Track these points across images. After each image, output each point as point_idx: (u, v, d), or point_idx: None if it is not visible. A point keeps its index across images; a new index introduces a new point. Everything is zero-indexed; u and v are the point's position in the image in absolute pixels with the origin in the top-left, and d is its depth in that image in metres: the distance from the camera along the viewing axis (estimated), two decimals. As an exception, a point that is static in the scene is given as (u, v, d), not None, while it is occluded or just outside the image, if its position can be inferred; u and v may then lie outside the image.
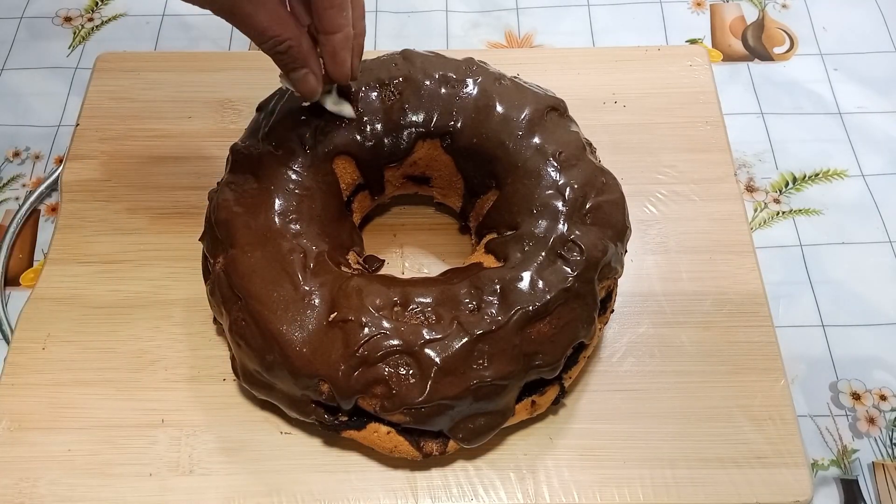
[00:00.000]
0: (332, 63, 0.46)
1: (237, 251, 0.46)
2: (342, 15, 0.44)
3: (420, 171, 0.53)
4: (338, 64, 0.46)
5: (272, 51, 0.44)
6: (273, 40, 0.43)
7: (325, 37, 0.45)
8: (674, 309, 0.53)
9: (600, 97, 0.62)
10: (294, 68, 0.45)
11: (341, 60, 0.46)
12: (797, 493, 0.47)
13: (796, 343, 0.55)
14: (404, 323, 0.44)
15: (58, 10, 0.73)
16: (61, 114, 0.66)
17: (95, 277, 0.54)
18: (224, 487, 0.47)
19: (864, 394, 0.54)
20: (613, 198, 0.49)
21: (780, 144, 0.64)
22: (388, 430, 0.45)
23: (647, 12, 0.72)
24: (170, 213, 0.57)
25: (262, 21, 0.42)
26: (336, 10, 0.44)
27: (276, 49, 0.44)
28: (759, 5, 0.73)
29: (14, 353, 0.52)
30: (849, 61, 0.69)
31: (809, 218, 0.61)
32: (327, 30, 0.44)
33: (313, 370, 0.43)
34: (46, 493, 0.47)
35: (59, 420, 0.49)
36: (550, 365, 0.45)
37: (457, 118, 0.51)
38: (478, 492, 0.47)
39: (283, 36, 0.43)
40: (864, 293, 0.57)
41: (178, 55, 0.65)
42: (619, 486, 0.47)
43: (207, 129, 0.61)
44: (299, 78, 0.46)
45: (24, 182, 0.63)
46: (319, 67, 0.46)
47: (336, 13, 0.44)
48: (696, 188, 0.58)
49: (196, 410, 0.50)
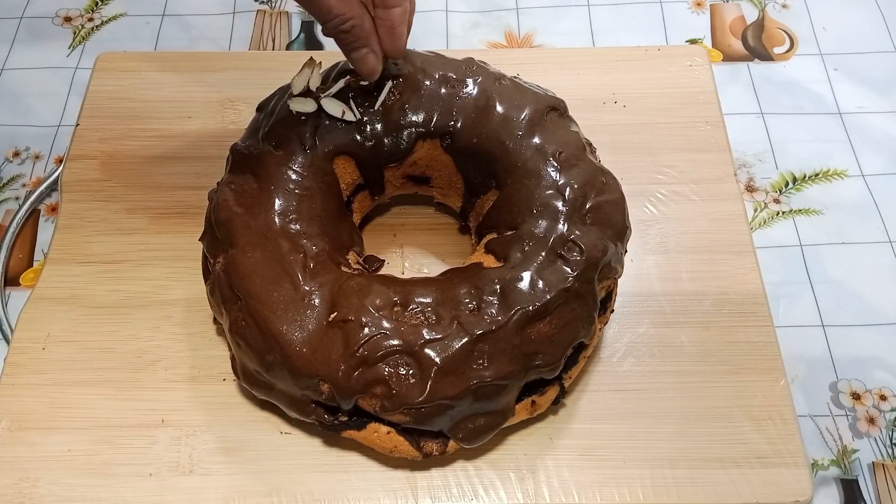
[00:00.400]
0: (389, 37, 0.47)
1: (237, 251, 0.46)
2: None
3: (420, 171, 0.53)
4: (395, 38, 0.47)
5: (336, 30, 0.45)
6: (338, 19, 0.44)
7: (385, 11, 0.46)
8: (674, 309, 0.53)
9: (600, 97, 0.62)
10: (356, 48, 0.46)
11: (398, 34, 0.47)
12: (797, 493, 0.47)
13: (796, 343, 0.55)
14: (404, 323, 0.44)
15: (58, 10, 0.73)
16: (61, 114, 0.66)
17: (95, 277, 0.54)
18: (224, 487, 0.47)
19: (864, 394, 0.54)
20: (613, 198, 0.49)
21: (780, 144, 0.64)
22: (388, 430, 0.45)
23: (647, 12, 0.72)
24: (170, 213, 0.57)
25: (330, 2, 0.44)
26: None
27: (339, 28, 0.45)
28: (759, 5, 0.73)
29: (14, 353, 0.52)
30: (849, 61, 0.69)
31: (809, 218, 0.61)
32: (387, 4, 0.45)
33: (313, 370, 0.43)
34: (46, 493, 0.47)
35: (58, 420, 0.49)
36: (550, 365, 0.45)
37: (457, 118, 0.51)
38: (478, 492, 0.47)
39: (348, 15, 0.44)
40: (864, 293, 0.57)
41: (178, 55, 0.65)
42: (619, 486, 0.47)
43: (207, 129, 0.61)
44: (360, 57, 0.47)
45: (24, 182, 0.63)
46: (379, 47, 0.47)
47: None
48: (696, 188, 0.58)
49: (196, 410, 0.50)
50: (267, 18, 0.72)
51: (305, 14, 0.72)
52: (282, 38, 0.71)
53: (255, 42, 0.70)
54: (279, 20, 0.72)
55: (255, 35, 0.71)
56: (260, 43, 0.70)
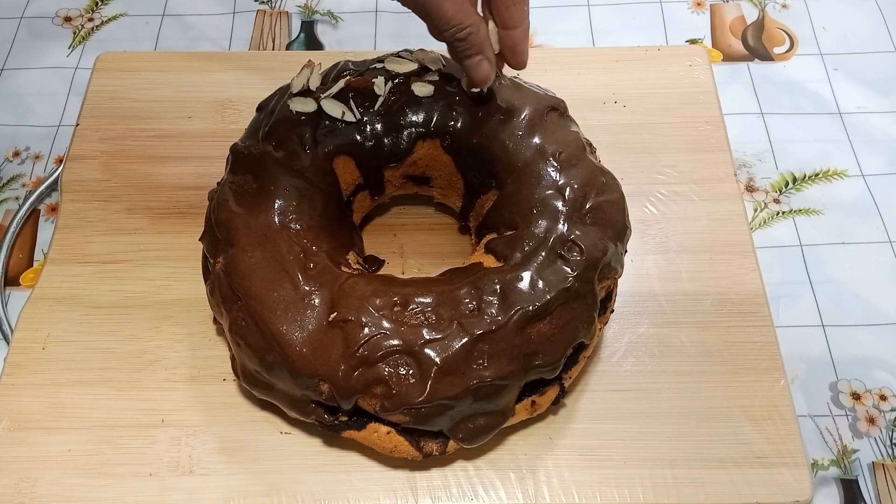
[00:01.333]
0: (511, 54, 0.47)
1: (237, 251, 0.46)
2: (524, 10, 0.46)
3: (420, 171, 0.53)
4: (517, 55, 0.47)
5: (453, 38, 0.45)
6: (455, 27, 0.44)
7: (506, 31, 0.46)
8: (674, 309, 0.53)
9: (600, 97, 0.62)
10: (470, 55, 0.46)
11: (521, 51, 0.47)
12: (797, 493, 0.47)
13: (796, 343, 0.55)
14: (404, 323, 0.44)
15: (58, 10, 0.73)
16: (61, 114, 0.66)
17: (95, 277, 0.54)
18: (224, 487, 0.47)
19: (864, 394, 0.54)
20: (613, 198, 0.49)
21: (780, 144, 0.64)
22: (388, 430, 0.45)
23: (647, 12, 0.73)
24: (170, 213, 0.57)
25: (448, 10, 0.44)
26: (519, 7, 0.45)
27: (456, 36, 0.45)
28: (759, 5, 0.73)
29: (14, 353, 0.52)
30: (849, 61, 0.69)
31: (809, 218, 0.61)
32: (509, 25, 0.46)
33: (313, 370, 0.43)
34: (46, 493, 0.47)
35: (59, 420, 0.49)
36: (550, 365, 0.45)
37: (457, 118, 0.51)
38: (478, 492, 0.47)
39: (465, 23, 0.44)
40: (864, 293, 0.57)
41: (178, 55, 0.65)
42: (619, 486, 0.47)
43: (207, 129, 0.61)
44: (474, 64, 0.47)
45: (24, 182, 0.63)
46: (493, 53, 0.47)
47: (519, 9, 0.45)
48: (696, 188, 0.58)
49: (196, 410, 0.50)
50: (267, 18, 0.72)
51: (305, 14, 0.72)
52: (282, 38, 0.71)
53: (255, 42, 0.70)
54: (279, 20, 0.72)
55: (255, 35, 0.71)
56: (260, 43, 0.70)
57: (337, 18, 0.72)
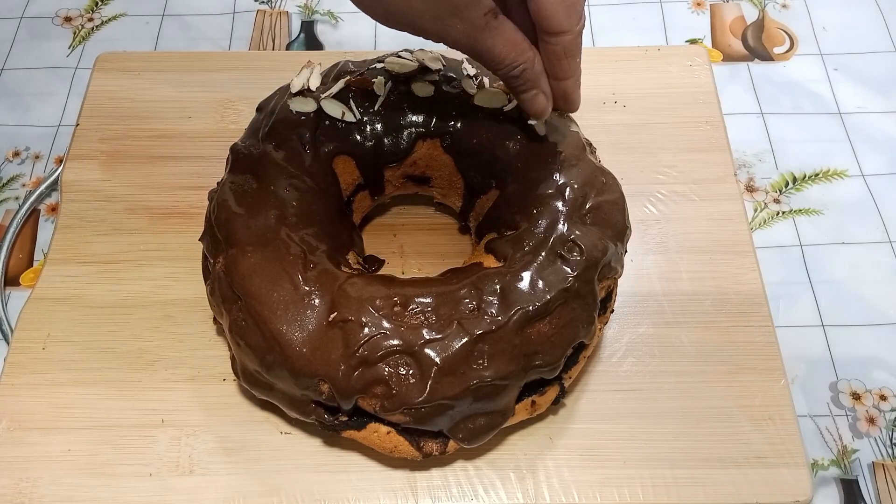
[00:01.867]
0: (563, 102, 0.47)
1: (237, 251, 0.46)
2: (576, 62, 0.45)
3: (420, 171, 0.53)
4: (569, 102, 0.47)
5: (507, 76, 0.45)
6: (508, 66, 0.44)
7: (558, 82, 0.46)
8: (674, 309, 0.53)
9: (600, 97, 0.62)
10: (525, 90, 0.46)
11: (573, 100, 0.47)
12: (797, 493, 0.47)
13: (796, 343, 0.55)
14: (404, 323, 0.44)
15: (58, 10, 0.73)
16: (61, 114, 0.66)
17: (95, 277, 0.54)
18: (224, 487, 0.47)
19: (864, 394, 0.54)
20: (613, 198, 0.49)
21: (780, 144, 0.64)
22: (388, 430, 0.45)
23: (647, 12, 0.73)
24: (170, 213, 0.57)
25: (500, 51, 0.43)
26: (571, 59, 0.44)
27: (510, 73, 0.44)
28: (759, 5, 0.73)
29: (14, 353, 0.52)
30: (849, 61, 0.69)
31: (809, 218, 0.61)
32: (559, 76, 0.45)
33: (313, 370, 0.43)
34: (46, 493, 0.47)
35: (58, 420, 0.49)
36: (550, 365, 0.45)
37: (457, 118, 0.51)
38: (478, 492, 0.47)
39: (518, 61, 0.44)
40: (864, 293, 0.57)
41: (178, 55, 0.65)
42: (619, 486, 0.47)
43: (207, 129, 0.61)
44: (529, 98, 0.46)
45: (24, 182, 0.63)
46: (549, 87, 0.46)
47: (571, 61, 0.45)
48: (696, 188, 0.58)
49: (196, 410, 0.50)
50: (267, 18, 0.72)
51: (305, 14, 0.72)
52: (282, 38, 0.71)
53: (255, 42, 0.70)
54: (279, 20, 0.72)
55: (255, 35, 0.71)
56: (260, 43, 0.70)
57: (337, 18, 0.72)
